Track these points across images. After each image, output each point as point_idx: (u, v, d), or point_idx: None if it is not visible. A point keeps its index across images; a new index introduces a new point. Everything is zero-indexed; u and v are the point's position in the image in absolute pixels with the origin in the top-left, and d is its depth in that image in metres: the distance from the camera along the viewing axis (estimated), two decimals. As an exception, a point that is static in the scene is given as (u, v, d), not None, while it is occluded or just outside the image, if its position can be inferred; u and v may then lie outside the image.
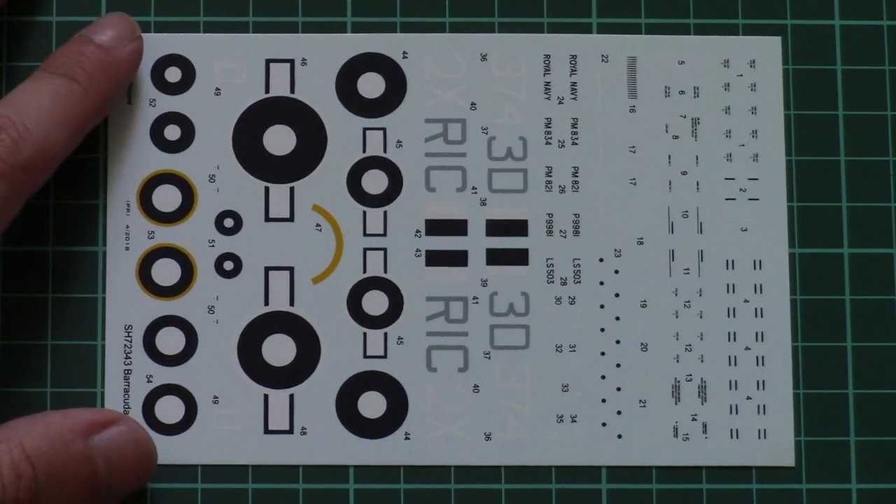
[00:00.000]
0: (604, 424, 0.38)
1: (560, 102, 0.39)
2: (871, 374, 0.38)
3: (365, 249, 0.38)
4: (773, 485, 0.37)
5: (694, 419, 0.38)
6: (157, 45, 0.39)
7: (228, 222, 0.38)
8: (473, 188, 0.38)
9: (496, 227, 0.38)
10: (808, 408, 0.38)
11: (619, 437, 0.38)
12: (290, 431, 0.37)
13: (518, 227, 0.38)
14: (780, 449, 0.38)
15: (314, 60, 0.39)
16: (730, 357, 0.38)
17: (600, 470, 0.38)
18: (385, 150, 0.39)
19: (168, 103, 0.38)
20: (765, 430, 0.38)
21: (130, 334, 0.38)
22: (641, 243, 0.38)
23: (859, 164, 0.39)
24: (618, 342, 0.38)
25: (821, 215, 0.39)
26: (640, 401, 0.38)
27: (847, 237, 0.39)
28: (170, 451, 0.37)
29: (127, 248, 0.38)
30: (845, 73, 0.39)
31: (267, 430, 0.38)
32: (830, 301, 0.38)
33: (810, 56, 0.39)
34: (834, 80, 0.39)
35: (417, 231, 0.38)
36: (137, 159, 0.38)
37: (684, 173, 0.39)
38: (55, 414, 0.35)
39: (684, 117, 0.39)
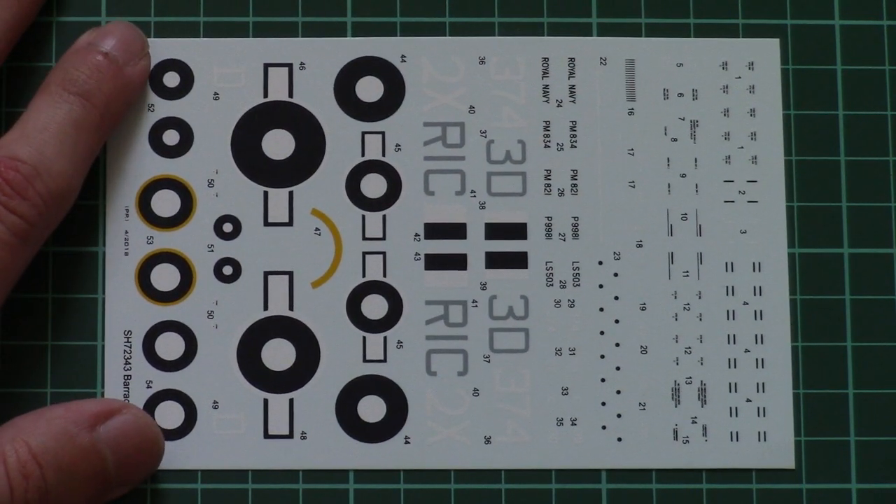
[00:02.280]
0: (604, 427, 0.38)
1: (559, 105, 0.39)
2: (871, 374, 0.38)
3: (364, 253, 0.38)
4: (773, 485, 0.37)
5: (694, 422, 0.38)
6: (156, 50, 0.38)
7: (227, 227, 0.38)
8: (472, 192, 0.38)
9: (495, 231, 0.38)
10: (808, 408, 0.38)
11: (619, 440, 0.38)
12: (290, 436, 0.37)
13: (517, 231, 0.38)
14: (780, 451, 0.38)
15: (312, 64, 0.39)
16: (729, 359, 0.38)
17: (600, 473, 0.38)
18: (384, 154, 0.38)
19: (167, 108, 0.38)
20: (765, 433, 0.38)
21: (130, 340, 0.38)
22: (640, 246, 0.38)
23: (859, 163, 0.39)
24: (617, 345, 0.38)
25: (821, 215, 0.38)
26: (640, 403, 0.38)
27: (847, 237, 0.38)
28: (170, 456, 0.37)
29: (126, 254, 0.38)
30: (845, 72, 0.39)
31: (267, 435, 0.37)
32: (830, 301, 0.38)
33: (810, 56, 0.39)
34: (834, 79, 0.39)
35: (416, 235, 0.38)
36: (136, 164, 0.38)
37: (683, 176, 0.38)
38: (57, 408, 0.34)
39: (683, 120, 0.39)
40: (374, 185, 0.38)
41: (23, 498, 0.32)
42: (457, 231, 0.38)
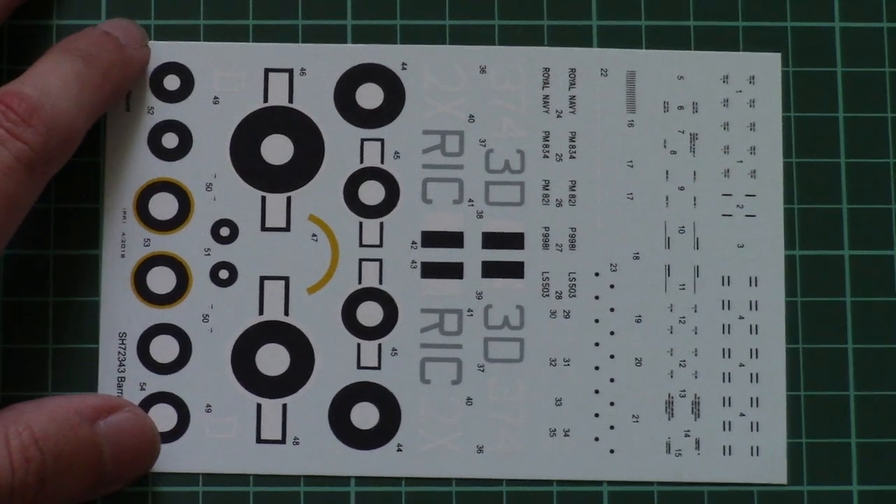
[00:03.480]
0: (596, 439, 0.38)
1: (559, 116, 0.39)
2: (872, 375, 0.38)
3: (360, 260, 0.38)
4: (774, 486, 0.37)
5: (687, 435, 0.38)
6: (156, 53, 0.38)
7: (224, 231, 0.38)
8: (470, 200, 0.38)
9: (492, 240, 0.38)
10: (809, 410, 0.38)
11: (612, 451, 0.38)
12: (283, 441, 0.37)
13: (514, 240, 0.38)
14: (772, 466, 0.38)
15: (313, 70, 0.39)
16: (724, 373, 0.38)
17: (600, 484, 0.38)
18: (382, 161, 0.38)
19: (166, 111, 0.38)
20: (757, 448, 0.38)
21: (124, 342, 0.38)
22: (637, 258, 0.38)
23: (860, 165, 0.38)
24: (612, 357, 0.38)
25: (822, 217, 0.38)
26: (634, 416, 0.38)
27: (848, 239, 0.38)
28: (162, 459, 0.37)
29: (122, 256, 0.38)
30: (845, 75, 0.39)
31: (259, 440, 0.37)
32: (831, 303, 0.38)
33: (811, 58, 0.39)
34: (834, 82, 0.39)
35: (413, 242, 0.38)
36: (135, 167, 0.38)
37: (681, 188, 0.38)
38: (59, 398, 0.34)
39: (683, 132, 0.39)
40: (372, 192, 0.38)
41: (23, 480, 0.32)
42: (454, 239, 0.38)
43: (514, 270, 0.38)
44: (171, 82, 0.38)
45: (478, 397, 0.38)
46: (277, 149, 0.38)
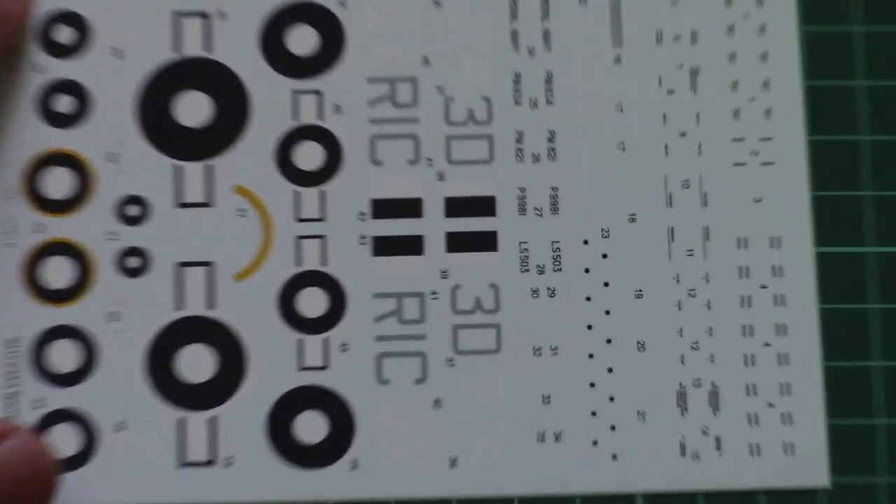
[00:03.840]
0: (595, 443, 0.36)
1: (531, 54, 0.37)
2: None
3: (298, 238, 0.36)
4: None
5: (705, 433, 0.36)
6: (46, 1, 0.36)
7: (133, 210, 0.36)
8: (429, 160, 0.36)
9: (457, 207, 0.36)
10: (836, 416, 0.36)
11: (614, 457, 0.36)
12: (213, 463, 0.35)
13: (484, 206, 0.36)
14: (811, 467, 0.36)
15: (234, 13, 0.37)
16: (746, 356, 0.36)
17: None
18: (321, 118, 0.37)
19: (58, 69, 0.37)
20: (792, 445, 0.36)
21: (16, 350, 0.36)
22: (634, 221, 0.36)
23: (883, 144, 0.36)
24: (609, 342, 0.36)
25: (840, 206, 0.36)
26: (639, 413, 0.36)
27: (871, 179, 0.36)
28: (67, 489, 0.35)
29: (10, 245, 0.36)
30: (865, 35, 0.37)
31: (184, 462, 0.35)
32: (855, 310, 0.36)
33: (827, 16, 0.37)
34: (850, 44, 0.37)
35: (362, 214, 0.36)
36: (21, 137, 0.36)
37: (683, 135, 0.36)
38: None
39: (680, 67, 0.37)
40: (309, 155, 0.36)
41: None
42: (411, 208, 0.36)
43: (486, 242, 0.36)
44: (64, 35, 0.37)
45: (448, 398, 0.36)
46: (194, 108, 0.37)
